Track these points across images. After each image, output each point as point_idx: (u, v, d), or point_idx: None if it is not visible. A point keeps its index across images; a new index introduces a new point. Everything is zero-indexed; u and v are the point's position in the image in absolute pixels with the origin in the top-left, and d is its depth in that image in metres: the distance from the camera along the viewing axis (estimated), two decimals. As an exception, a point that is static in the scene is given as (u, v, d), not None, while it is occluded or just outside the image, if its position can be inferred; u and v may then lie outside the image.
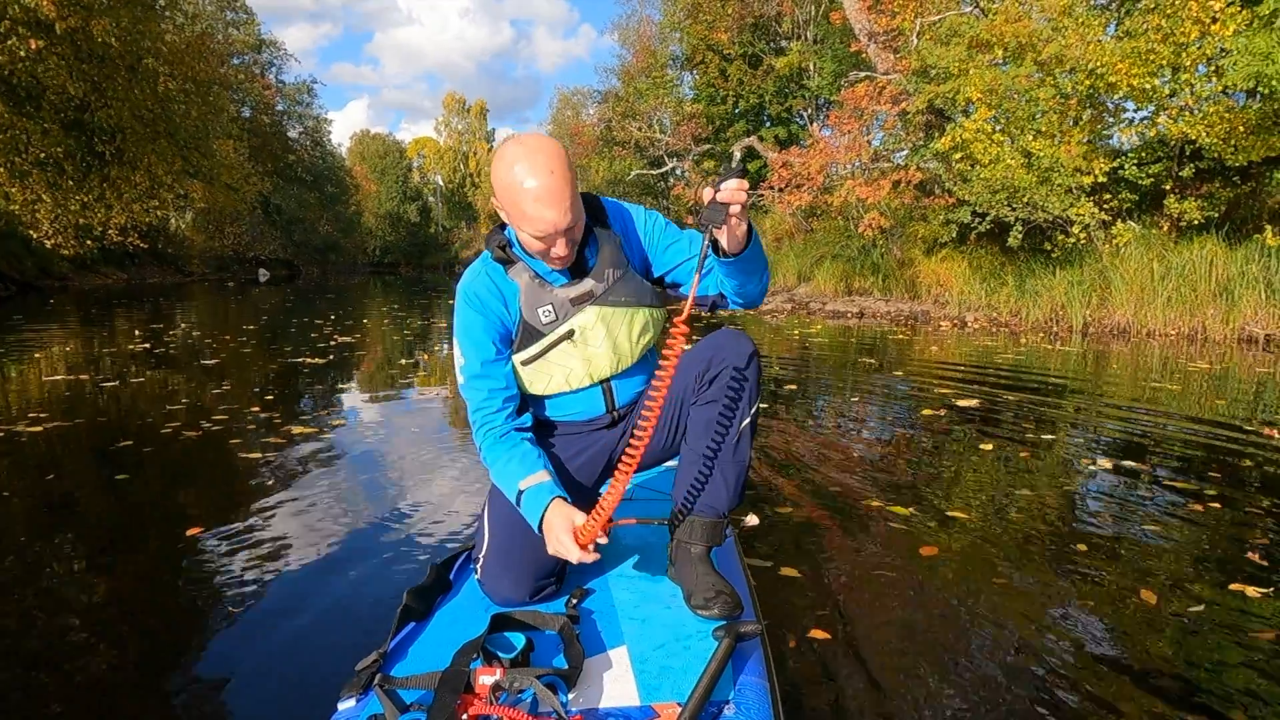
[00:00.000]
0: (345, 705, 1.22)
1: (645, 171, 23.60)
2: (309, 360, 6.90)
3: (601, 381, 1.70)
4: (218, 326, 10.50)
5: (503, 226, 1.68)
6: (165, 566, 2.42)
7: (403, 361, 7.26)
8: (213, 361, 6.82)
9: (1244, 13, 8.10)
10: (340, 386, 5.80)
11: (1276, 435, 4.04)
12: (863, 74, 13.91)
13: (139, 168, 20.64)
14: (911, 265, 12.83)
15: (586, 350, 1.64)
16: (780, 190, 14.76)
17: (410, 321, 11.91)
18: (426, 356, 7.67)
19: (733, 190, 1.35)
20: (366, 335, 9.58)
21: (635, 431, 1.36)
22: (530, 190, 1.42)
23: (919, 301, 12.07)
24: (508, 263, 1.63)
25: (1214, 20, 8.25)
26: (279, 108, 38.00)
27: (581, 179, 36.57)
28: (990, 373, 6.18)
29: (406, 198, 56.58)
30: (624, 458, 1.36)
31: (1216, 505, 2.91)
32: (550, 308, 1.61)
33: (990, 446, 3.83)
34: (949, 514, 2.82)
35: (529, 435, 1.67)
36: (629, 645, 1.38)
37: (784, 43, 22.65)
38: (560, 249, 1.50)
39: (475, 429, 1.66)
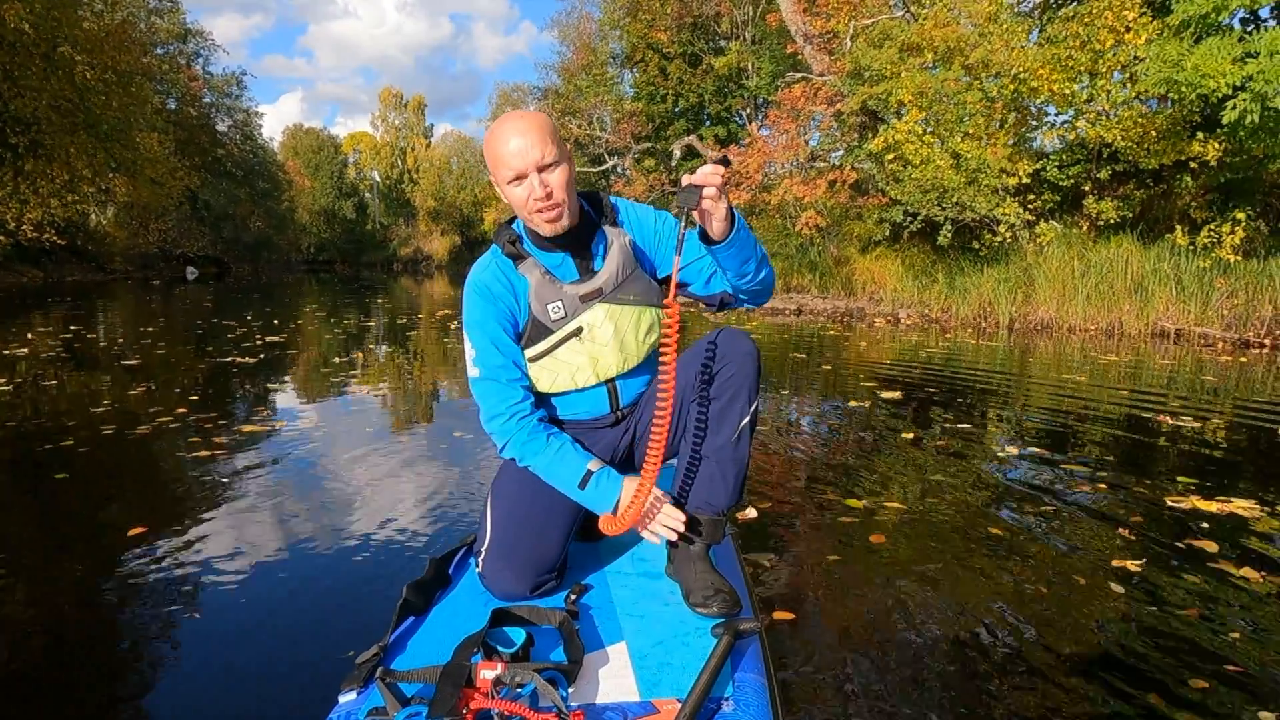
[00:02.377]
0: (346, 699, 1.23)
1: (586, 169, 23.57)
2: (237, 360, 6.72)
3: (607, 381, 1.69)
4: (143, 326, 10.12)
5: (511, 221, 1.68)
6: (160, 566, 2.38)
7: (337, 359, 7.13)
8: (134, 362, 6.59)
9: (1155, 22, 8.52)
10: (277, 386, 5.67)
11: (1168, 421, 4.33)
12: (799, 75, 14.16)
13: (56, 160, 19.71)
14: (847, 263, 13.11)
15: (594, 348, 1.64)
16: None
17: (345, 321, 11.67)
18: (361, 355, 7.55)
19: (706, 174, 1.38)
20: (300, 334, 9.36)
21: (652, 429, 1.39)
22: (503, 132, 1.48)
23: (855, 299, 12.34)
24: (518, 258, 1.63)
25: (1127, 29, 8.65)
26: (206, 100, 36.65)
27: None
28: (921, 369, 6.37)
29: (342, 194, 55.23)
30: (648, 456, 1.41)
31: (1104, 486, 3.10)
32: (560, 304, 1.61)
33: (910, 435, 4.01)
34: (889, 504, 2.93)
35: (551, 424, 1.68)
36: (628, 641, 1.39)
37: (723, 43, 22.88)
38: (538, 189, 1.49)
39: (501, 420, 1.63)
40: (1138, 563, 2.35)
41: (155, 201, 26.35)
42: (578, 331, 1.62)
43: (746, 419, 1.60)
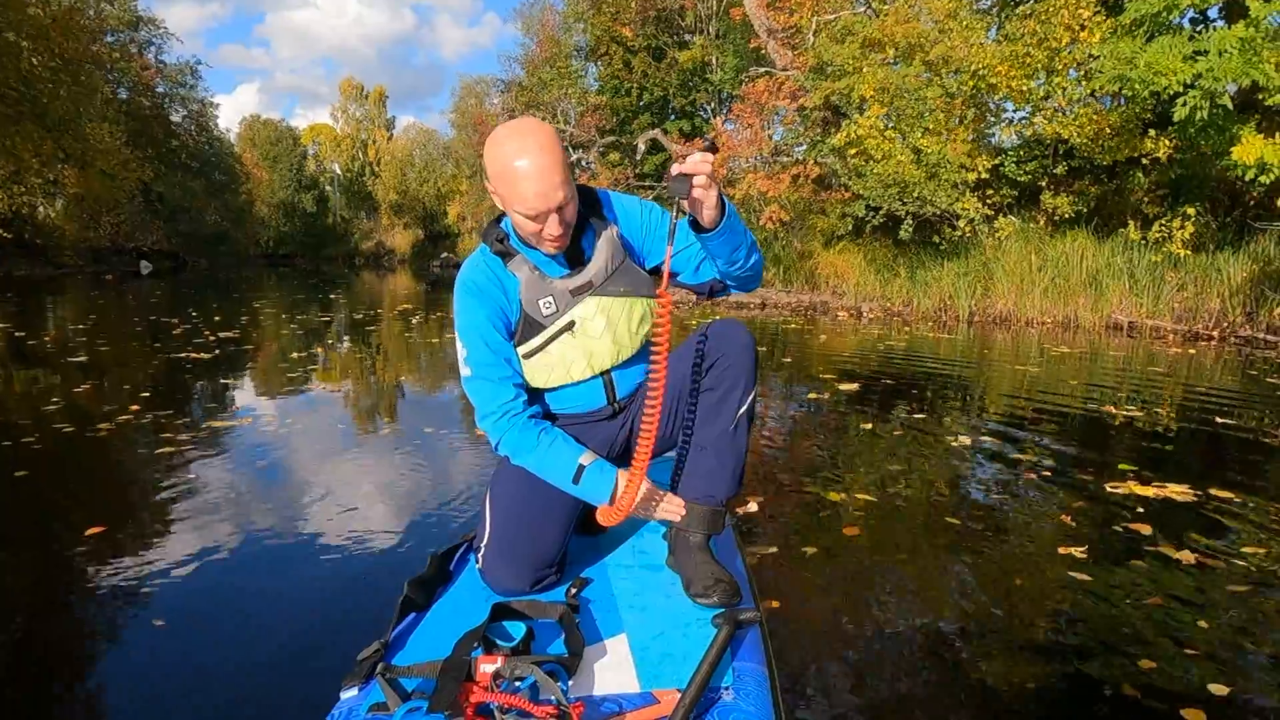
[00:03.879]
0: (347, 695, 1.23)
1: (550, 163, 23.38)
2: (193, 355, 6.57)
3: (602, 373, 1.69)
4: (94, 322, 9.84)
5: (499, 219, 1.68)
6: (153, 566, 2.37)
7: (295, 355, 7.00)
8: (84, 359, 6.40)
9: (1109, 21, 8.69)
10: (235, 382, 5.55)
11: (1113, 410, 4.48)
12: (762, 70, 14.20)
13: (1, 151, 19.07)
14: (811, 257, 13.20)
15: (587, 341, 1.64)
16: (684, 183, 14.88)
17: (303, 316, 11.47)
18: (322, 350, 7.42)
19: (696, 162, 1.38)
20: (258, 330, 9.18)
21: (643, 418, 1.39)
22: (521, 168, 1.44)
23: (818, 292, 12.43)
24: (506, 256, 1.62)
25: (1083, 27, 8.81)
26: (160, 90, 35.68)
27: (486, 169, 35.93)
28: (882, 361, 6.44)
29: (301, 187, 54.18)
30: (639, 443, 1.41)
31: (1050, 473, 3.17)
32: (551, 299, 1.61)
33: (869, 426, 4.08)
34: (858, 496, 2.97)
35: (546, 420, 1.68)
36: (628, 633, 1.40)
37: (687, 37, 22.87)
38: (553, 228, 1.49)
39: (493, 418, 1.63)
40: (1081, 549, 2.43)
41: (107, 194, 25.63)
42: (570, 325, 1.62)
43: (744, 409, 1.62)
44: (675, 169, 1.39)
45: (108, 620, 2.05)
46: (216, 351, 6.91)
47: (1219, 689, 1.69)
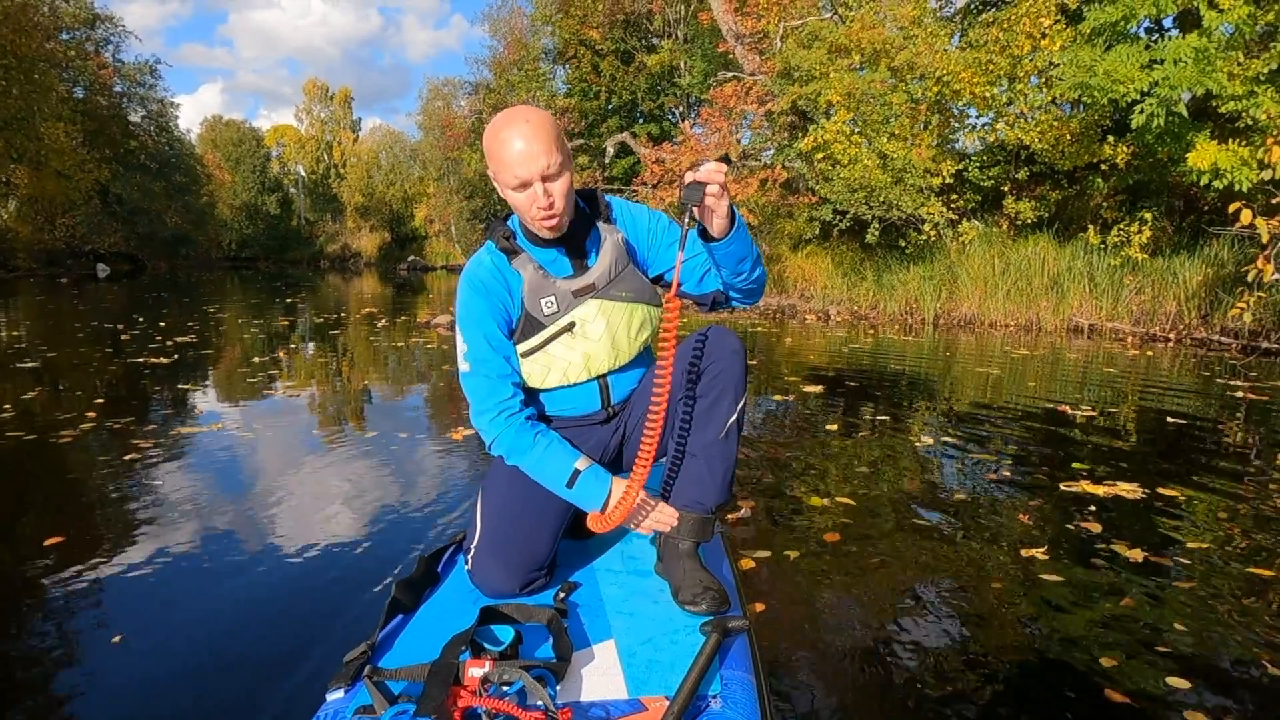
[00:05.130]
0: (333, 697, 1.23)
1: (519, 165, 23.29)
2: (151, 360, 6.42)
3: (598, 377, 1.70)
4: (48, 326, 9.58)
5: (506, 217, 1.70)
6: (143, 567, 2.36)
7: (256, 358, 6.87)
8: (34, 364, 6.22)
9: (1069, 30, 8.87)
10: (196, 387, 5.42)
11: (1069, 410, 4.55)
12: (730, 74, 14.26)
13: (-51, 150, 18.55)
14: (779, 261, 13.27)
15: (585, 343, 1.64)
16: (654, 186, 14.93)
17: (269, 322, 11.28)
18: (284, 354, 7.29)
19: (710, 171, 1.40)
20: (221, 334, 9.00)
21: (645, 426, 1.42)
22: (507, 135, 1.47)
23: (786, 295, 12.51)
24: (512, 253, 1.63)
25: (1043, 35, 8.98)
26: (118, 89, 34.90)
27: (453, 171, 35.72)
28: (850, 363, 6.49)
29: (265, 188, 53.27)
30: (640, 454, 1.43)
31: (1009, 474, 3.22)
32: (553, 299, 1.62)
33: (835, 427, 4.12)
34: (830, 500, 2.98)
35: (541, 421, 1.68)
36: (617, 639, 1.39)
37: (655, 41, 22.94)
38: (541, 199, 1.49)
39: (489, 416, 1.62)
40: (1042, 550, 2.46)
41: (62, 195, 25.05)
42: (570, 327, 1.63)
43: (734, 416, 1.63)
44: (689, 177, 1.41)
45: (65, 632, 1.98)
46: (175, 356, 6.75)
47: (1179, 683, 1.73)
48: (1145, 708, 1.64)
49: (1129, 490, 3.06)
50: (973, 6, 11.59)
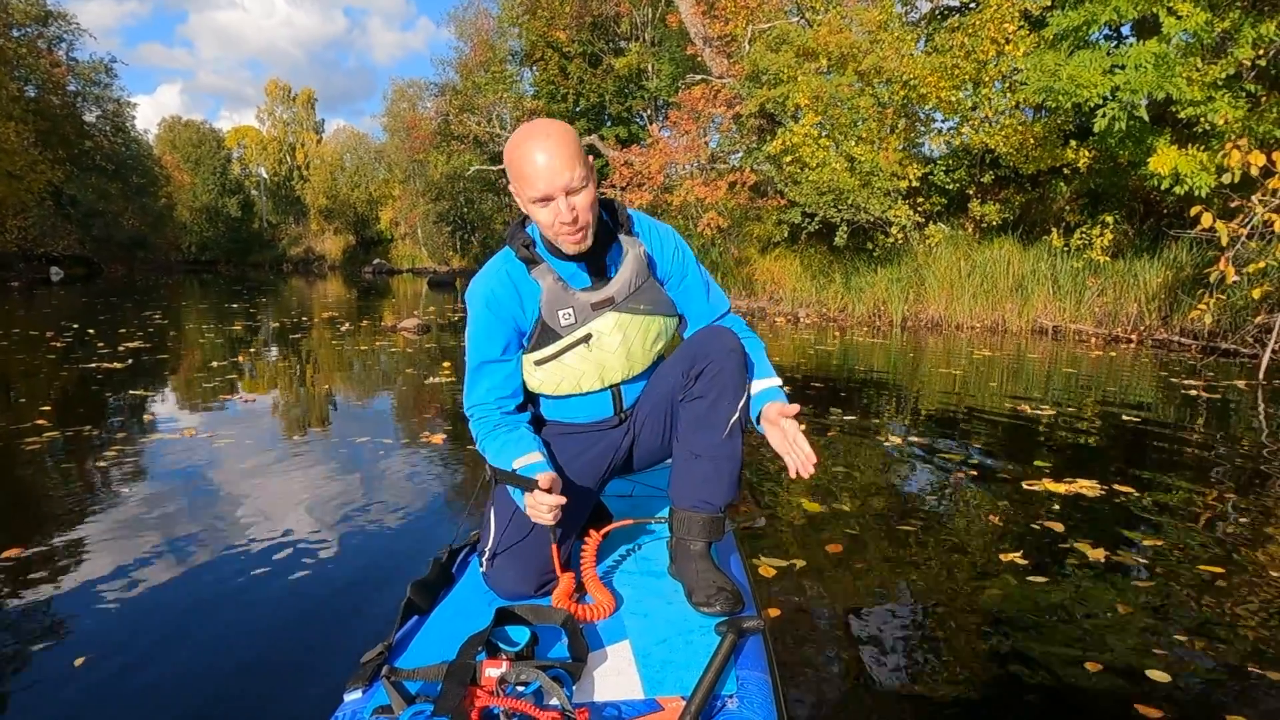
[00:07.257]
0: (351, 697, 1.23)
1: (486, 167, 23.14)
2: (104, 366, 6.22)
3: (611, 386, 1.71)
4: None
5: (523, 223, 1.68)
6: (145, 579, 2.31)
7: (216, 363, 6.70)
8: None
9: (1032, 35, 9.00)
10: (155, 394, 5.25)
11: (1029, 410, 4.64)
12: (698, 77, 14.28)
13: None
14: (748, 263, 13.30)
15: (601, 355, 1.65)
16: (623, 189, 14.89)
17: (223, 326, 11.04)
18: (244, 358, 7.12)
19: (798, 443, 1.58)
20: (180, 340, 8.77)
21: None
22: (529, 148, 1.47)
23: (755, 298, 12.54)
24: (531, 262, 1.62)
25: (1008, 41, 9.11)
26: (72, 88, 34.05)
27: (419, 173, 35.39)
28: (819, 365, 6.50)
29: (226, 190, 52.29)
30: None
31: (976, 473, 3.23)
32: (571, 311, 1.62)
33: (804, 428, 4.04)
34: (805, 505, 2.96)
35: (526, 422, 1.70)
36: (631, 640, 1.40)
37: (623, 43, 22.91)
38: (564, 214, 1.48)
39: (471, 420, 1.69)
40: (1016, 552, 2.46)
41: (13, 196, 24.35)
42: (586, 338, 1.63)
43: (736, 415, 1.63)
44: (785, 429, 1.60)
45: (22, 651, 1.88)
46: (129, 361, 6.56)
47: (1159, 676, 1.74)
48: (1132, 696, 1.63)
49: (1088, 487, 3.11)
50: (938, 12, 11.73)
